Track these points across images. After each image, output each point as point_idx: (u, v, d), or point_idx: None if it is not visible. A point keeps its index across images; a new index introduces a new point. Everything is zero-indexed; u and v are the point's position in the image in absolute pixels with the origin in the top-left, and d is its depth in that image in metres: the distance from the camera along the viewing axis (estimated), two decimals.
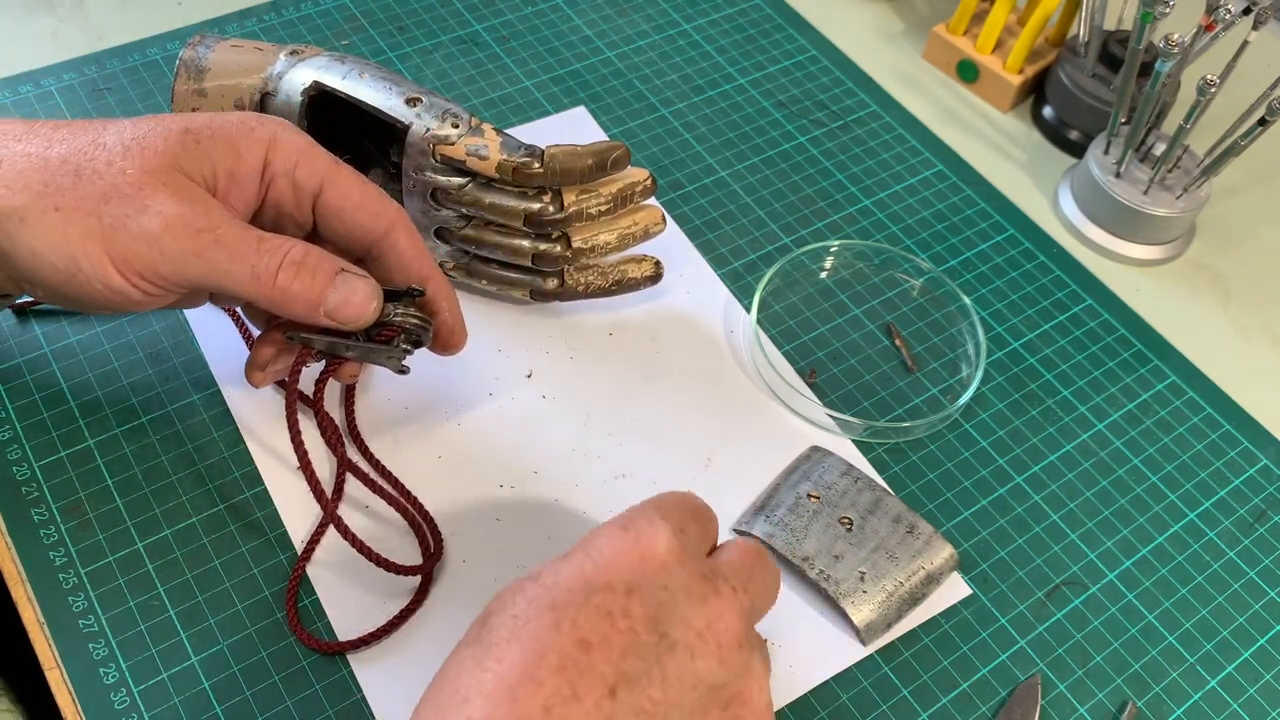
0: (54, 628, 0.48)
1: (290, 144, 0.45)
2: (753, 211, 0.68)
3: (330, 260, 0.43)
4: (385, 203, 0.46)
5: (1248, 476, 0.59)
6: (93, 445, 0.54)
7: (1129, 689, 0.52)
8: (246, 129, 0.44)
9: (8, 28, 0.72)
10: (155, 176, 0.41)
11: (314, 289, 0.42)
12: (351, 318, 0.43)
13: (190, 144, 0.43)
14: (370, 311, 0.44)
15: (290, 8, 0.75)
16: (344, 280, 0.43)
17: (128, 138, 0.42)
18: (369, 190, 0.46)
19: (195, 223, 0.41)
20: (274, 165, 0.45)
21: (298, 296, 0.42)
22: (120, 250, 0.40)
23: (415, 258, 0.47)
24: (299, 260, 0.42)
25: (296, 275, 0.42)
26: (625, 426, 0.57)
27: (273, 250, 0.42)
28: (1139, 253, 0.69)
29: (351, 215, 0.46)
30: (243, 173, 0.44)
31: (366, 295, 0.44)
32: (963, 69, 0.77)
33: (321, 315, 0.43)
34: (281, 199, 0.45)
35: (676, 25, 0.78)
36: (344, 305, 0.43)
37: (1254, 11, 0.61)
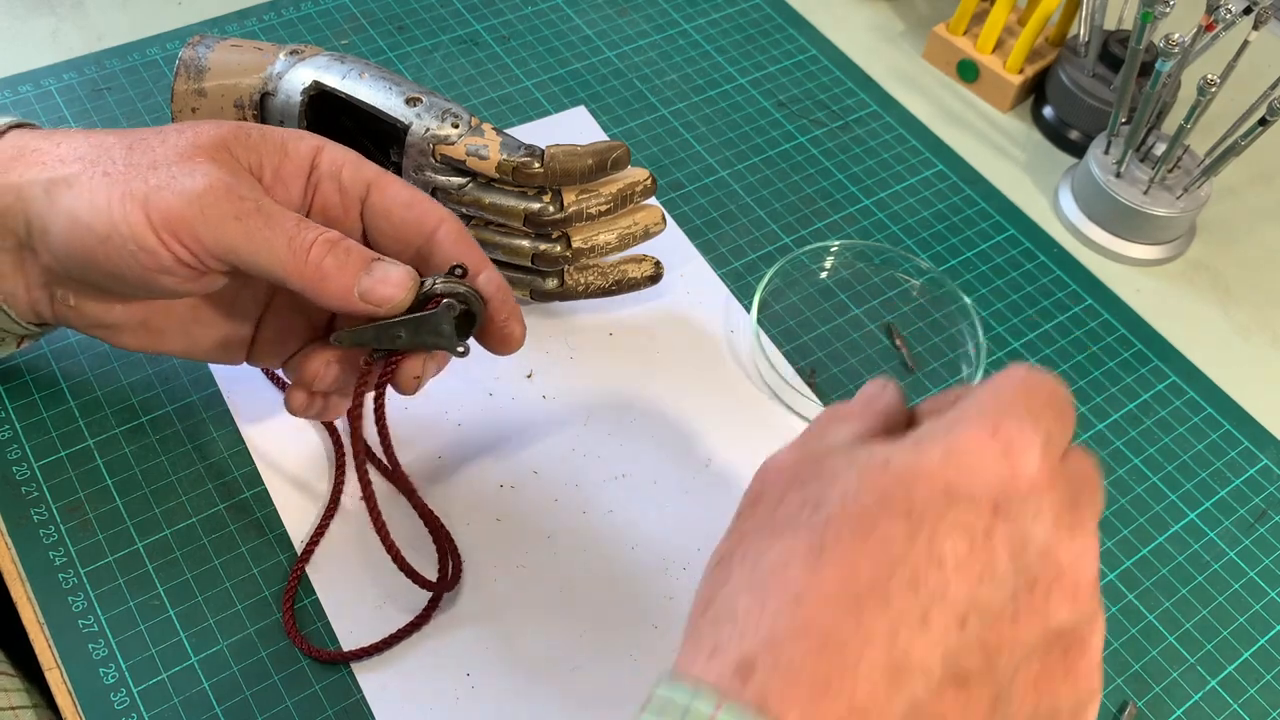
0: (54, 628, 0.48)
1: (337, 151, 0.46)
2: (753, 211, 0.68)
3: (365, 250, 0.43)
4: (433, 203, 0.46)
5: (1248, 476, 0.59)
6: (92, 445, 0.53)
7: (1129, 689, 0.52)
8: (295, 135, 0.45)
9: (8, 27, 0.72)
10: (203, 150, 0.42)
11: (347, 269, 0.42)
12: (386, 297, 0.43)
13: (242, 136, 0.44)
14: (406, 290, 0.43)
15: (290, 7, 0.75)
16: (378, 264, 0.43)
17: (179, 130, 0.43)
18: (416, 192, 0.46)
19: (238, 189, 0.42)
20: (320, 168, 0.45)
21: (330, 274, 0.42)
22: (160, 208, 0.41)
23: (468, 250, 0.46)
24: (334, 240, 0.42)
25: (330, 252, 0.42)
26: (625, 426, 0.57)
27: (309, 226, 0.42)
28: (1139, 253, 0.69)
29: (400, 215, 0.45)
30: (288, 172, 0.45)
31: (401, 275, 0.43)
32: (963, 69, 0.77)
33: (355, 297, 0.42)
34: (328, 202, 0.46)
35: (676, 25, 0.78)
36: (379, 285, 0.43)
37: (1254, 11, 0.61)
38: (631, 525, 0.54)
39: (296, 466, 0.54)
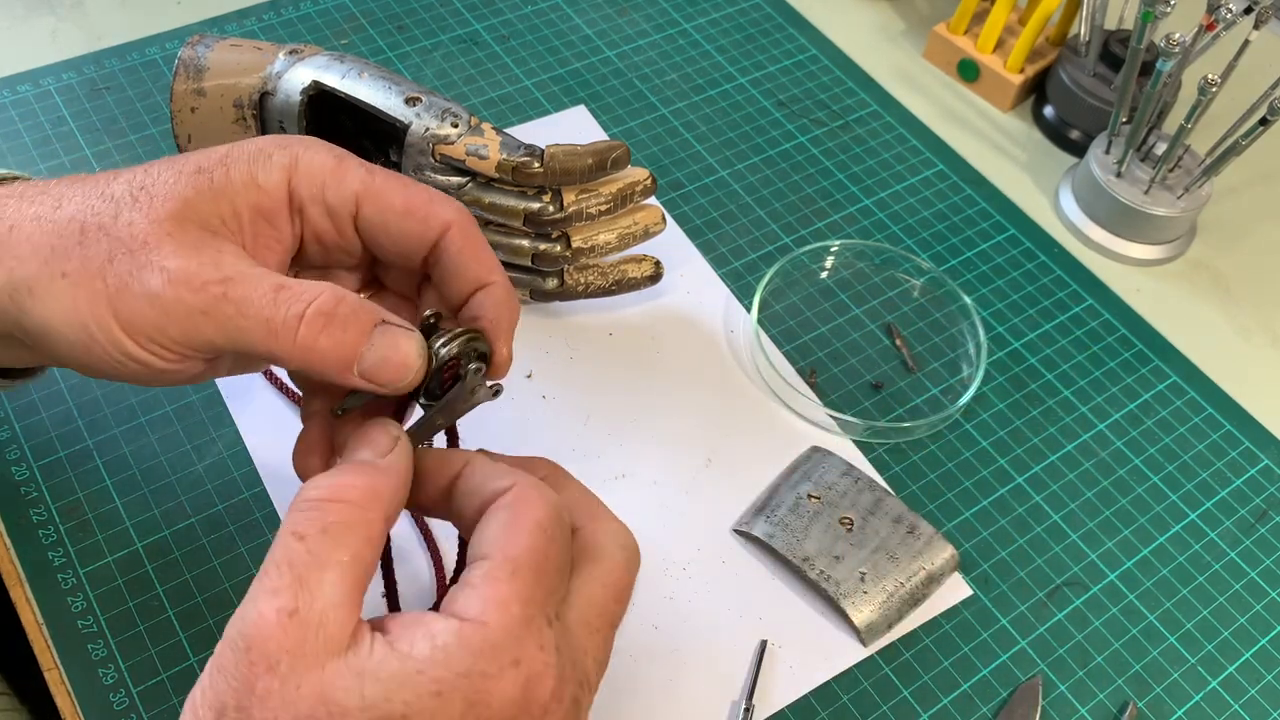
0: (53, 628, 0.48)
1: (313, 165, 0.39)
2: (753, 211, 0.68)
3: (367, 310, 0.36)
4: (436, 205, 0.40)
5: (1249, 476, 0.59)
6: (91, 445, 0.53)
7: (1130, 689, 0.52)
8: (264, 157, 0.39)
9: (7, 27, 0.71)
10: (161, 227, 0.36)
11: (345, 344, 0.36)
12: (392, 379, 0.36)
13: (203, 185, 0.37)
14: (415, 370, 0.37)
15: (289, 7, 0.75)
16: (383, 334, 0.36)
17: (136, 185, 0.38)
18: (414, 193, 0.40)
19: (201, 275, 0.36)
20: (299, 193, 0.39)
21: (325, 355, 0.36)
22: (128, 314, 0.36)
23: (472, 261, 0.40)
24: (327, 311, 0.35)
25: (324, 329, 0.35)
26: (625, 426, 0.57)
27: (293, 299, 0.35)
28: (1140, 252, 0.69)
29: (398, 226, 0.39)
30: (269, 209, 0.38)
31: (410, 351, 0.36)
32: (963, 68, 0.77)
33: (355, 376, 0.36)
34: (320, 230, 0.40)
35: (676, 25, 0.78)
36: (383, 365, 0.36)
37: (1255, 11, 0.61)
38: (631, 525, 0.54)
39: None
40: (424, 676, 0.31)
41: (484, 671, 0.31)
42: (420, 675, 0.31)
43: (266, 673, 0.30)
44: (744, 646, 0.51)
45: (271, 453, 0.54)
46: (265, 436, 0.54)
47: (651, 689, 0.49)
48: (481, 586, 0.33)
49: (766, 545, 0.53)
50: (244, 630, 0.31)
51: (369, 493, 0.34)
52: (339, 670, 0.31)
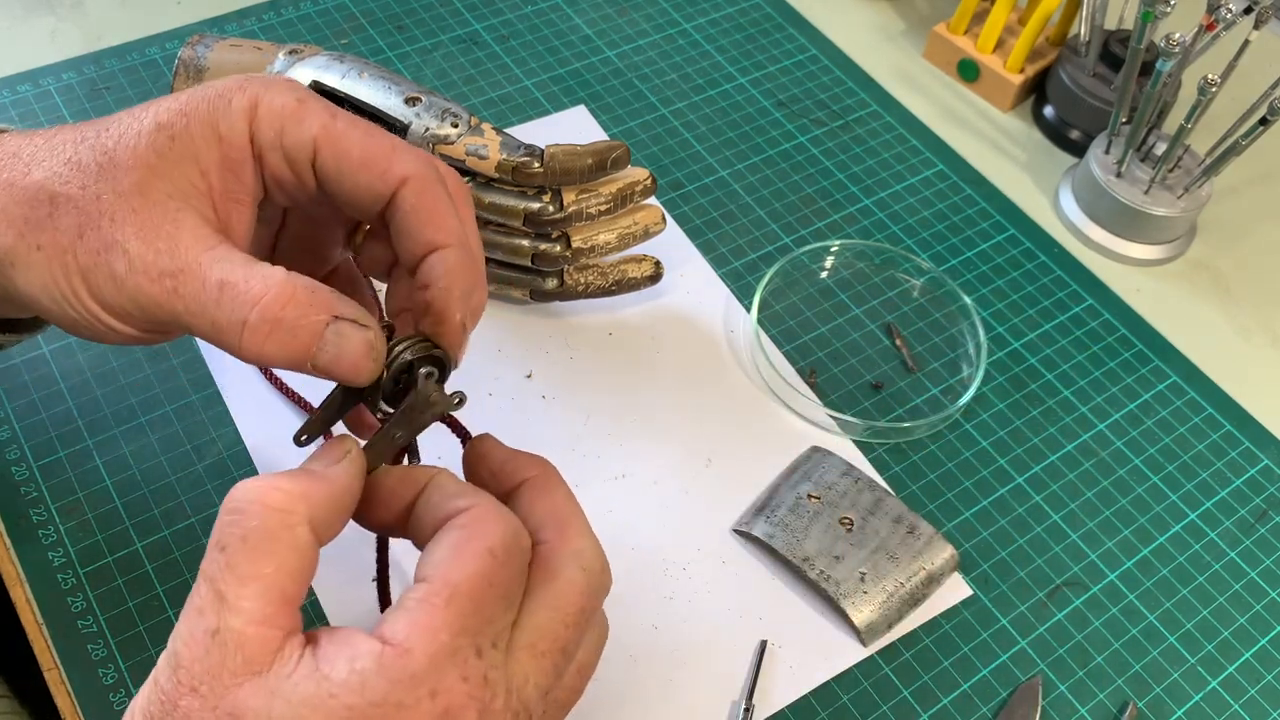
0: (53, 628, 0.48)
1: (272, 107, 0.37)
2: (753, 211, 0.68)
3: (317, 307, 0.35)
4: (397, 156, 0.37)
5: (1249, 477, 0.59)
6: (91, 445, 0.53)
7: (1130, 690, 0.52)
8: (224, 102, 0.37)
9: (6, 27, 0.71)
10: (127, 201, 0.36)
11: (294, 348, 0.34)
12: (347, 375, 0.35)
13: (164, 144, 0.36)
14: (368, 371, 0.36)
15: (289, 7, 0.75)
16: (336, 331, 0.35)
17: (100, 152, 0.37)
18: (374, 143, 0.37)
19: (158, 264, 0.35)
20: (259, 137, 0.37)
21: (274, 358, 0.35)
22: (98, 291, 0.36)
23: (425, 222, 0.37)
24: (271, 317, 0.34)
25: (269, 335, 0.34)
26: (625, 426, 0.57)
27: (237, 300, 0.34)
28: (1140, 252, 0.69)
29: (352, 176, 0.37)
30: (235, 157, 0.37)
31: (364, 348, 0.35)
32: (963, 68, 0.77)
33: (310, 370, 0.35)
34: (279, 175, 0.38)
35: (676, 25, 0.78)
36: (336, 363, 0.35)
37: (1255, 11, 0.61)
38: (631, 525, 0.54)
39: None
40: (335, 701, 0.30)
41: (399, 701, 0.30)
42: (332, 700, 0.30)
43: (189, 693, 0.30)
44: (744, 646, 0.51)
45: (271, 453, 0.54)
46: (265, 436, 0.54)
47: (651, 689, 0.49)
48: (414, 610, 0.32)
49: (766, 545, 0.53)
50: (176, 649, 0.31)
51: (293, 496, 0.33)
52: (254, 689, 0.30)
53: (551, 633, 0.34)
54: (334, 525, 0.34)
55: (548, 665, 0.34)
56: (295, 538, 0.32)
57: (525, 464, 0.38)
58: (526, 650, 0.34)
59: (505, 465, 0.38)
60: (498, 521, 0.34)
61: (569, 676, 0.36)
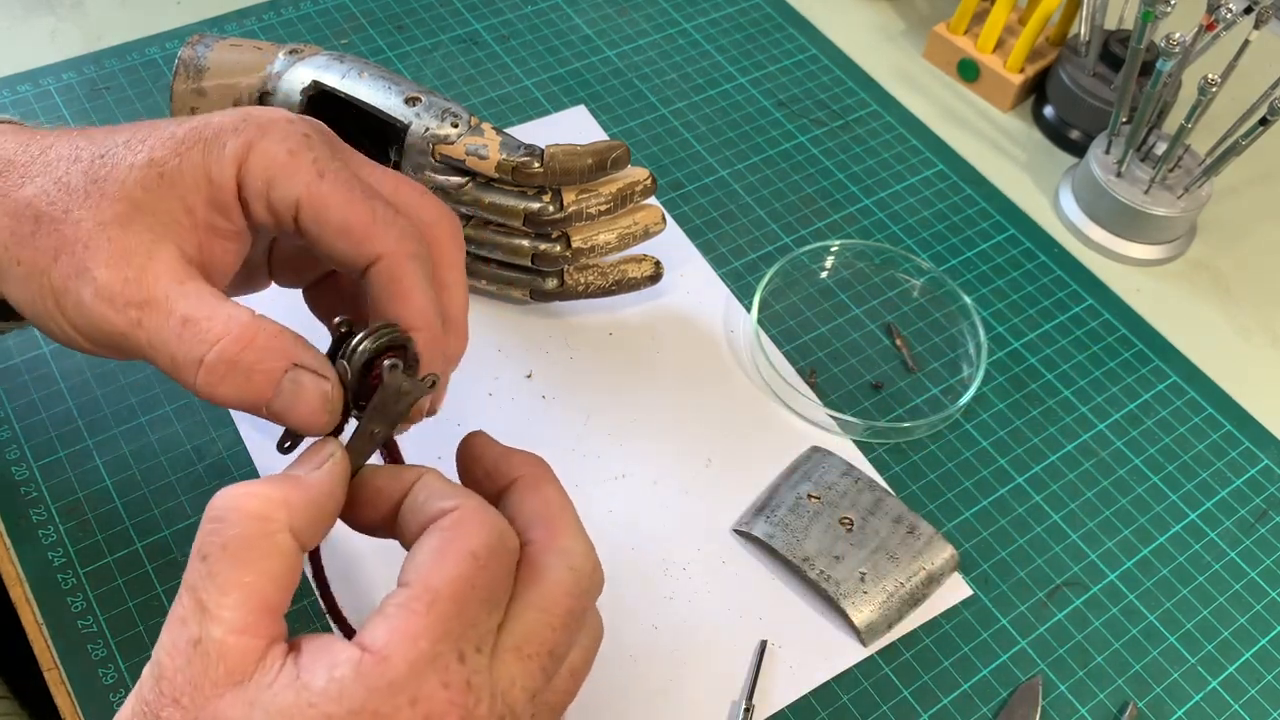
0: (53, 628, 0.48)
1: (264, 157, 0.37)
2: (753, 211, 0.68)
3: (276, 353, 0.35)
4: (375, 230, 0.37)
5: (1249, 477, 0.59)
6: (91, 445, 0.53)
7: (1130, 690, 0.52)
8: (219, 146, 0.37)
9: (6, 27, 0.71)
10: (104, 231, 0.36)
11: (249, 392, 0.35)
12: (301, 424, 0.36)
13: (153, 181, 0.36)
14: (323, 423, 0.36)
15: (289, 7, 0.75)
16: (293, 379, 0.35)
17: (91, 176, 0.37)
18: (354, 213, 0.37)
19: (125, 294, 0.35)
20: (246, 187, 0.37)
21: (228, 400, 0.35)
22: (69, 314, 0.36)
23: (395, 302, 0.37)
24: (229, 359, 0.34)
25: (224, 377, 0.34)
26: (625, 426, 0.57)
27: (195, 339, 0.34)
28: (1140, 252, 0.69)
29: (330, 241, 0.37)
30: (223, 200, 0.37)
31: (316, 404, 0.35)
32: (963, 68, 0.77)
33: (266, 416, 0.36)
34: (264, 222, 0.38)
35: (676, 25, 0.78)
36: (289, 412, 0.35)
37: (1255, 11, 0.61)
38: (631, 525, 0.54)
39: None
40: (314, 710, 0.30)
41: (376, 710, 0.30)
42: (311, 709, 0.30)
43: (171, 704, 0.30)
44: (744, 646, 0.51)
45: (271, 453, 0.54)
46: (265, 436, 0.54)
47: (651, 689, 0.49)
48: (394, 616, 0.32)
49: (766, 545, 0.53)
50: (159, 659, 0.31)
51: (273, 503, 0.33)
52: (234, 700, 0.30)
53: (538, 635, 0.34)
54: (317, 530, 0.34)
55: (535, 668, 0.34)
56: (276, 545, 0.32)
57: (518, 462, 0.38)
58: (512, 653, 0.33)
59: (498, 464, 0.38)
60: (481, 523, 0.34)
61: (559, 679, 0.35)
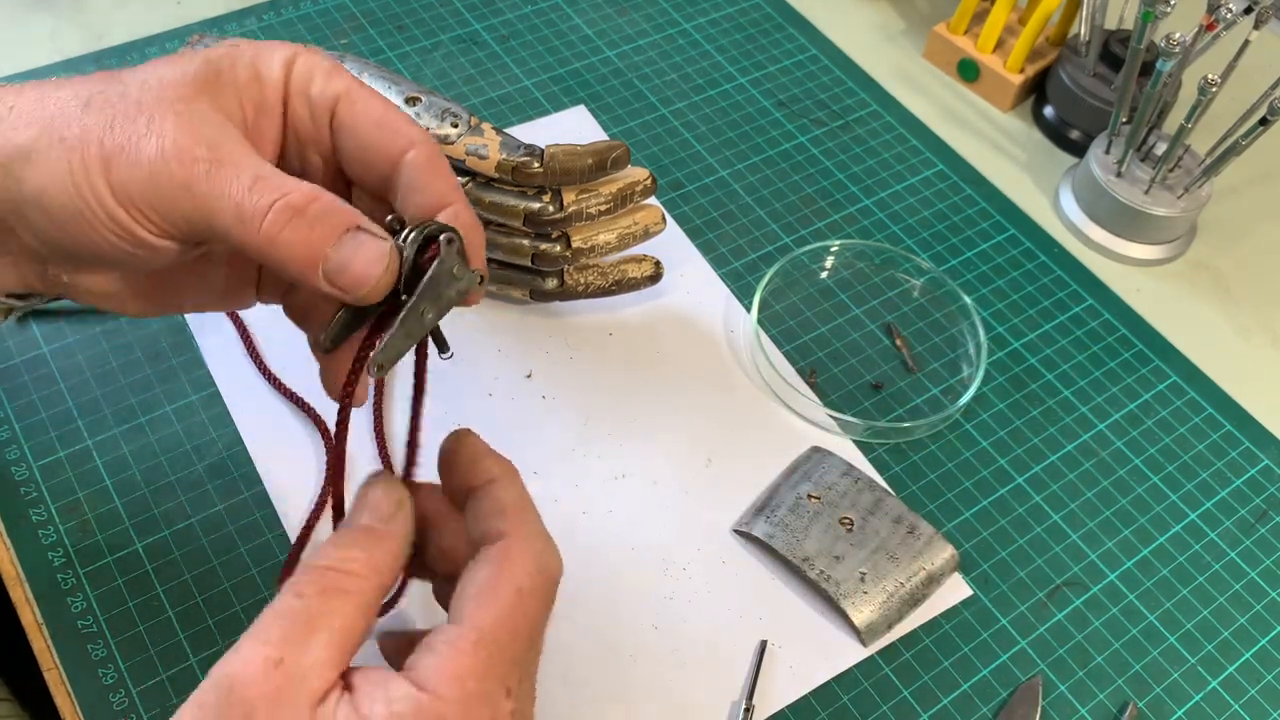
0: (53, 628, 0.48)
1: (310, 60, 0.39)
2: (753, 211, 0.68)
3: (340, 214, 0.36)
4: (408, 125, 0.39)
5: (1249, 477, 0.59)
6: (91, 445, 0.53)
7: (1130, 690, 0.52)
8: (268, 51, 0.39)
9: (6, 27, 0.71)
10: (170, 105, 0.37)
11: (310, 242, 0.35)
12: (352, 284, 0.36)
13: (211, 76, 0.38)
14: (377, 278, 0.36)
15: (289, 7, 0.75)
16: (353, 238, 0.36)
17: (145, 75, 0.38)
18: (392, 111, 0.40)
19: (193, 151, 0.36)
20: (291, 84, 0.39)
21: (287, 248, 0.35)
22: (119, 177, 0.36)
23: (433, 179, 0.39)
24: (297, 206, 0.35)
25: (289, 223, 0.35)
26: (625, 426, 0.57)
27: (267, 190, 0.35)
28: (1140, 252, 0.69)
29: (367, 132, 0.39)
30: (269, 99, 0.39)
31: (375, 257, 0.36)
32: (963, 68, 0.77)
33: (320, 278, 0.36)
34: (298, 121, 0.40)
35: (676, 25, 0.78)
36: (345, 269, 0.36)
37: (1255, 11, 0.61)
38: (631, 525, 0.54)
39: (295, 467, 0.54)
40: None
41: None
42: None
43: (242, 718, 0.31)
44: (744, 646, 0.51)
45: (271, 452, 0.54)
46: (265, 436, 0.54)
47: (651, 689, 0.49)
48: (443, 653, 0.33)
49: (766, 545, 0.53)
50: (229, 672, 0.32)
51: (369, 565, 0.35)
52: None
53: None
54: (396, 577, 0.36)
55: None
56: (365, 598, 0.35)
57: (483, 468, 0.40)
58: None
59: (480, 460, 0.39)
60: (526, 555, 0.36)
61: None
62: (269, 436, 0.54)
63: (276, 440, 0.54)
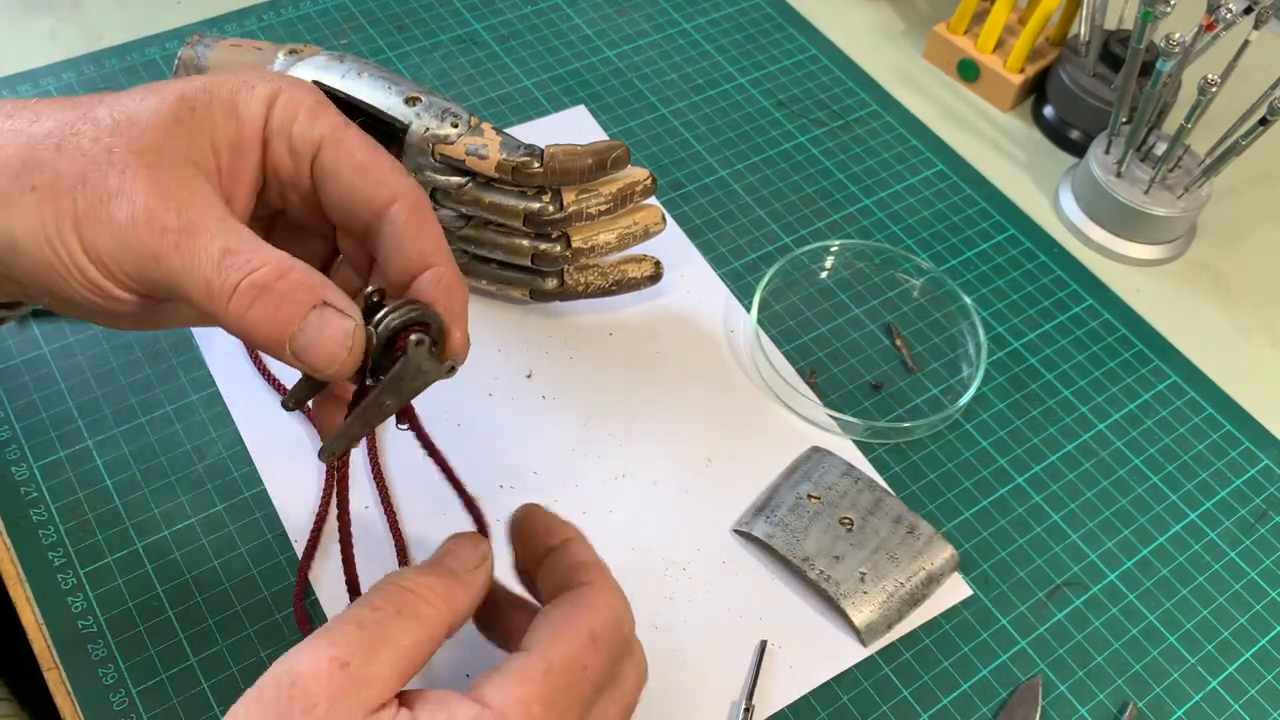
0: (53, 628, 0.48)
1: (293, 100, 0.38)
2: (753, 211, 0.68)
3: (308, 289, 0.35)
4: (395, 175, 0.38)
5: (1249, 477, 0.59)
6: (91, 445, 0.53)
7: (1130, 690, 0.52)
8: (248, 87, 0.38)
9: (6, 27, 0.71)
10: (141, 157, 0.36)
11: (277, 321, 0.34)
12: (317, 363, 0.35)
13: (184, 113, 0.37)
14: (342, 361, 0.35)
15: (289, 7, 0.75)
16: (319, 315, 0.35)
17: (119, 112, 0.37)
18: (378, 157, 0.38)
19: (163, 219, 0.35)
20: (272, 123, 0.38)
21: (254, 325, 0.35)
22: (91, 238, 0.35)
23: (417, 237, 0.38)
24: (264, 283, 0.34)
25: (255, 302, 0.34)
26: (625, 426, 0.57)
27: (235, 267, 0.35)
28: (1140, 252, 0.69)
29: (349, 180, 0.38)
30: (246, 140, 0.38)
31: (340, 338, 0.35)
32: (963, 68, 0.77)
33: (288, 354, 0.35)
34: (278, 163, 0.39)
35: (676, 25, 0.78)
36: (311, 347, 0.35)
37: (1255, 11, 0.61)
38: (631, 525, 0.54)
39: (296, 467, 0.54)
40: None
41: None
42: None
43: (302, 713, 0.31)
44: (744, 646, 0.51)
45: (271, 453, 0.54)
46: (265, 436, 0.54)
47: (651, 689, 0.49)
48: (510, 678, 0.34)
49: (766, 545, 0.53)
50: (293, 668, 0.32)
51: (447, 600, 0.36)
52: None
53: None
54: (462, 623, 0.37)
55: None
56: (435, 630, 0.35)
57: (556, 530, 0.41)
58: None
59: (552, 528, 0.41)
60: (605, 604, 0.37)
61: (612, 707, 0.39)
62: (269, 436, 0.54)
63: (276, 440, 0.54)
